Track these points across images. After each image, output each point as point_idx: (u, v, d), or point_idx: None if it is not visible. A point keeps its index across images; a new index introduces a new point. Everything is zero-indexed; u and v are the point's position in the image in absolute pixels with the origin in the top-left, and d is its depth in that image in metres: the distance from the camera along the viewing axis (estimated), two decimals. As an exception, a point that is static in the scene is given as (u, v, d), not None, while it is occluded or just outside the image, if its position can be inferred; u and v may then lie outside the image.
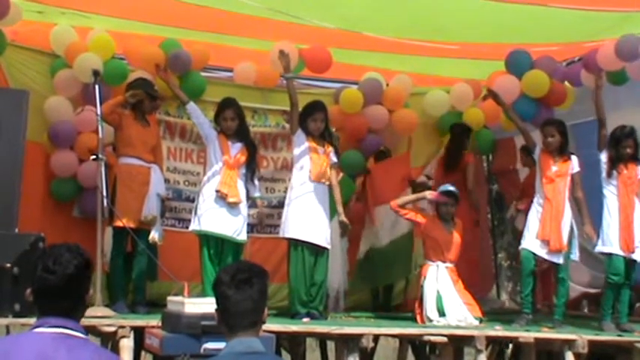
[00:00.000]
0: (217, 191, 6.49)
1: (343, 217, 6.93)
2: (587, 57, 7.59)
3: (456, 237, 7.13)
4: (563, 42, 7.68)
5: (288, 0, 6.59)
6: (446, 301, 6.85)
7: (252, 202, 6.87)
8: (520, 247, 6.89)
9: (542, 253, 6.74)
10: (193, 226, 6.61)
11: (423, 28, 7.11)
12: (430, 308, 6.83)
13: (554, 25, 7.12)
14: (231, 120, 6.66)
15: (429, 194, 7.30)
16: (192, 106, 6.79)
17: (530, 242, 6.78)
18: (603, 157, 6.79)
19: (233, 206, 6.52)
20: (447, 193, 7.15)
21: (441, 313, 6.81)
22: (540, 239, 6.73)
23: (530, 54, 7.90)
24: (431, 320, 6.77)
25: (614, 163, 6.74)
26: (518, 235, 7.64)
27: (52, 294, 2.53)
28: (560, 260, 6.72)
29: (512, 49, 7.81)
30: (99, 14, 7.04)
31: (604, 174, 6.78)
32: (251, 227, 7.06)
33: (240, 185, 6.61)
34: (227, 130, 6.67)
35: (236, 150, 6.65)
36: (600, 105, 6.90)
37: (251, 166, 6.74)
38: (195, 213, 6.61)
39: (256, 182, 6.84)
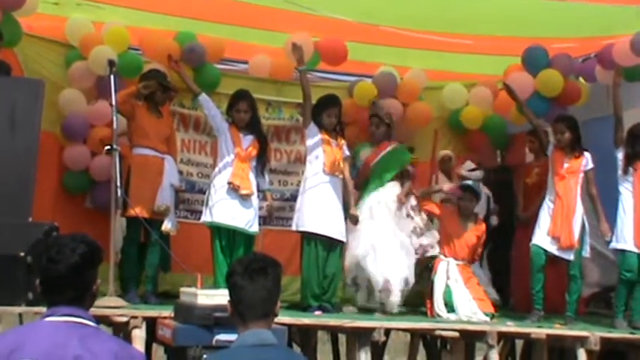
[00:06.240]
0: (229, 183, 6.49)
1: (354, 211, 6.89)
2: (602, 53, 7.52)
3: (470, 235, 7.09)
4: (579, 37, 7.61)
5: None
6: (455, 296, 6.83)
7: (262, 195, 6.87)
8: (530, 244, 6.87)
9: (552, 249, 6.73)
10: (205, 217, 6.62)
11: (437, 20, 7.08)
12: (438, 303, 6.82)
13: (569, 20, 7.07)
14: (244, 112, 6.66)
15: (446, 186, 7.27)
16: (204, 98, 6.78)
17: (541, 238, 6.77)
18: (619, 154, 6.76)
19: (245, 198, 6.52)
20: (463, 187, 7.12)
21: (450, 309, 6.78)
22: (551, 236, 6.71)
23: (548, 50, 7.81)
24: (439, 316, 6.76)
25: (630, 160, 6.70)
26: None
27: (57, 283, 2.55)
28: (570, 257, 6.70)
29: (529, 44, 7.75)
30: (114, 5, 7.04)
31: (620, 171, 6.74)
32: (261, 220, 7.05)
33: (252, 177, 6.61)
34: (239, 122, 6.66)
35: (248, 142, 6.65)
36: (618, 102, 6.85)
37: (262, 159, 6.74)
38: (207, 205, 6.62)
39: (266, 175, 6.84)
